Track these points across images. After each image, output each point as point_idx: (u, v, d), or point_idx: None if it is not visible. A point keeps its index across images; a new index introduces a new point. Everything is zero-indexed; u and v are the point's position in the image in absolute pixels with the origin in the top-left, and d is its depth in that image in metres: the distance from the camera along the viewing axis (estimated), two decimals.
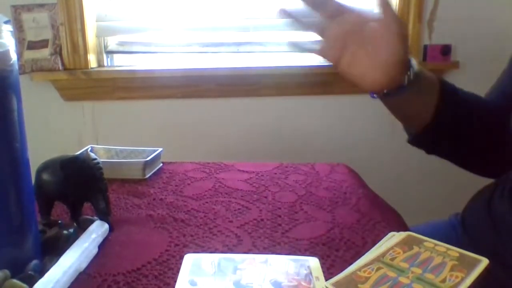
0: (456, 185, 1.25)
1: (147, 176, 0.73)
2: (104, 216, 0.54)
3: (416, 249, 0.44)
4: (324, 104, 1.42)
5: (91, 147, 0.79)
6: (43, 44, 1.33)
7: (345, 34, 0.60)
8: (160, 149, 0.78)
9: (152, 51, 1.42)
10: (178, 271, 0.44)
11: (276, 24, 1.38)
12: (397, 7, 1.35)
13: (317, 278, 0.43)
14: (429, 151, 0.71)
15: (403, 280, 0.39)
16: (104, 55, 1.43)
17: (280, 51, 1.42)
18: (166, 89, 1.39)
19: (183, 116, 1.42)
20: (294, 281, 0.42)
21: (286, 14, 0.60)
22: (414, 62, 0.61)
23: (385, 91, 0.61)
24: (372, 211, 0.60)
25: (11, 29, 0.41)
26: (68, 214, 0.56)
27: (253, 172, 0.76)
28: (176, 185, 0.70)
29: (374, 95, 0.64)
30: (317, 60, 1.42)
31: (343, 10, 0.60)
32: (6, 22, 0.41)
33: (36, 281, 0.40)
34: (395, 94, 0.62)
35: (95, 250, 0.49)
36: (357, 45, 0.60)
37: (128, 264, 0.47)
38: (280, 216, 0.59)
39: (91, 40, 1.36)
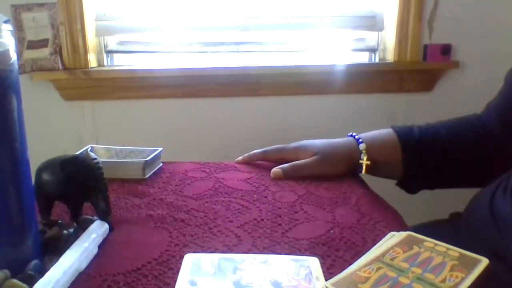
0: None
1: (147, 176, 0.73)
2: (104, 216, 0.54)
3: (416, 249, 0.44)
4: (324, 104, 1.42)
5: (91, 147, 0.79)
6: (43, 43, 1.33)
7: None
8: (160, 149, 0.78)
9: (152, 51, 1.42)
10: (178, 271, 0.44)
11: (276, 24, 1.38)
12: (397, 7, 1.34)
13: (317, 278, 0.43)
14: (416, 191, 0.78)
15: (403, 280, 0.39)
16: (104, 55, 1.43)
17: (280, 51, 1.42)
18: (166, 89, 1.39)
19: (183, 116, 1.42)
20: (294, 281, 0.42)
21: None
22: (363, 159, 0.72)
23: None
24: (372, 211, 0.60)
25: (11, 29, 0.41)
26: (68, 214, 0.55)
27: (253, 172, 0.76)
28: (176, 185, 0.70)
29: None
30: (316, 60, 1.42)
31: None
32: (6, 22, 0.41)
33: (36, 281, 0.40)
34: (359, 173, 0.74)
35: (95, 250, 0.49)
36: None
37: (128, 264, 0.47)
38: (280, 216, 0.59)
39: (91, 39, 1.36)
